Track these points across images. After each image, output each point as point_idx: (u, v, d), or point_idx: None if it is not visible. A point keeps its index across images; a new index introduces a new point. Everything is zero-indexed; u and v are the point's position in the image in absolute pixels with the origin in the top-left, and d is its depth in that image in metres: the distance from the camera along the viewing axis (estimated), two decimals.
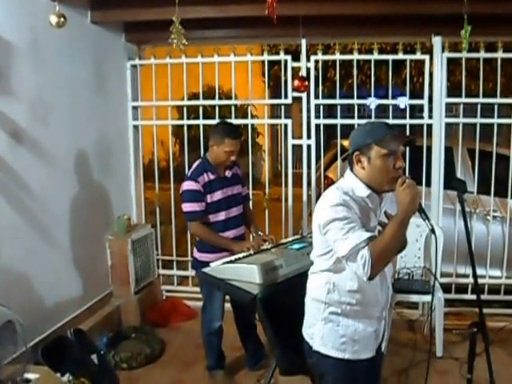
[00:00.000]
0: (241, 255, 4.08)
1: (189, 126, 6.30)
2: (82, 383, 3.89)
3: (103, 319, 5.32)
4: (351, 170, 2.74)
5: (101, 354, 4.35)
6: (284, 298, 3.66)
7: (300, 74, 5.60)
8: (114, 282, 5.69)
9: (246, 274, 3.66)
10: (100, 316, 5.35)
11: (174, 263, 6.40)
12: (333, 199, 2.60)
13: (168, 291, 6.43)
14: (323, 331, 2.76)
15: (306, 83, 5.34)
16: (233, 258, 4.05)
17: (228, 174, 4.51)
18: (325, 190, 5.86)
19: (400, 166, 2.62)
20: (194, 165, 4.54)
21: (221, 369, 4.67)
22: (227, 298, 4.61)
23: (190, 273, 6.22)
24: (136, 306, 5.65)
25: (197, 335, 4.94)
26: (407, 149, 5.59)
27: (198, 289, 5.81)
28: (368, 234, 2.52)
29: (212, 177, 4.40)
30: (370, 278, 2.50)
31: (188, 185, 4.37)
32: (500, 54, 5.55)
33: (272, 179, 6.59)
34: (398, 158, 2.63)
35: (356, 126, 5.68)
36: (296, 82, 5.32)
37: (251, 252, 4.14)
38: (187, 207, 4.38)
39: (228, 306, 4.70)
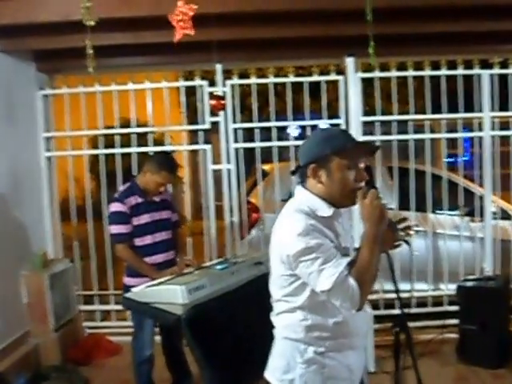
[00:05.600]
0: (164, 279, 4.05)
1: (105, 161, 6.27)
2: None
3: (20, 359, 5.18)
4: (303, 184, 2.51)
5: None
6: (211, 318, 3.69)
7: (215, 93, 5.67)
8: (31, 320, 5.53)
9: (168, 295, 3.67)
10: (17, 356, 5.19)
11: (96, 298, 6.33)
12: (298, 225, 2.32)
13: (91, 328, 6.32)
14: (306, 376, 2.44)
15: (223, 102, 5.43)
16: (155, 282, 4.02)
17: (157, 198, 4.58)
18: (248, 215, 6.05)
19: (363, 178, 2.41)
20: (122, 187, 4.65)
21: None
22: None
23: (113, 307, 6.20)
24: (56, 344, 5.51)
25: (122, 370, 4.92)
26: None
27: (121, 323, 5.87)
28: (346, 260, 2.32)
29: (140, 200, 4.47)
30: (360, 308, 2.29)
31: (114, 206, 4.44)
32: (411, 73, 5.91)
33: (195, 213, 6.59)
34: (359, 170, 2.42)
35: (274, 150, 5.95)
36: (212, 102, 5.39)
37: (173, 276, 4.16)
38: (113, 229, 4.44)
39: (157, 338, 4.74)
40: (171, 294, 3.64)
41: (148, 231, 4.48)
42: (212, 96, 5.55)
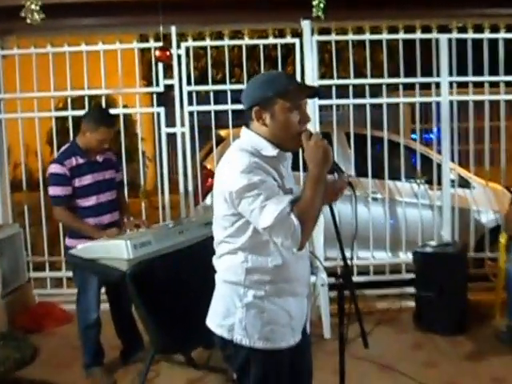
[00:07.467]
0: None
1: (59, 132, 6.35)
2: None
3: None
4: (248, 127, 2.58)
5: None
6: (157, 276, 3.85)
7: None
8: None
9: (113, 250, 3.79)
10: None
11: (47, 264, 6.38)
12: (241, 163, 2.39)
13: (41, 295, 6.39)
14: (246, 320, 2.50)
15: (168, 53, 5.57)
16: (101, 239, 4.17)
17: (100, 158, 4.63)
18: (202, 181, 6.12)
19: (306, 119, 2.52)
20: (63, 148, 4.66)
21: (98, 366, 4.68)
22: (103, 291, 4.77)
23: (64, 274, 6.25)
24: (3, 310, 5.56)
25: (73, 338, 4.95)
26: None
27: (73, 291, 5.70)
28: (288, 197, 2.38)
29: (81, 161, 4.52)
30: (301, 248, 2.36)
31: (53, 168, 4.46)
32: (368, 36, 6.06)
33: (155, 187, 6.68)
34: (303, 112, 2.51)
35: (230, 113, 6.06)
36: (158, 53, 5.52)
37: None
38: (51, 191, 4.49)
39: (107, 306, 4.88)
40: (116, 249, 3.76)
41: (91, 192, 4.55)
42: (157, 48, 5.68)
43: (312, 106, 5.79)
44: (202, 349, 4.56)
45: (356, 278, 6.08)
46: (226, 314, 2.56)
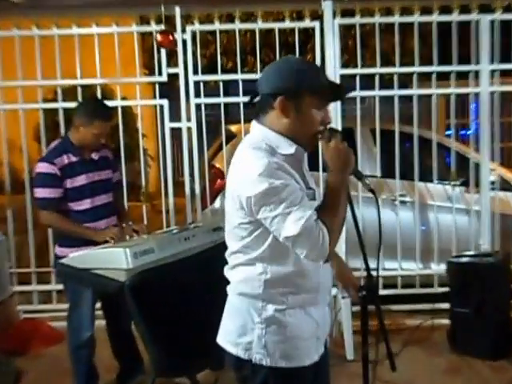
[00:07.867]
0: (108, 244, 4.04)
1: (48, 126, 6.13)
2: None
3: None
4: (259, 120, 2.44)
5: None
6: (160, 287, 3.64)
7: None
8: None
9: (111, 259, 3.58)
10: None
11: (34, 276, 6.14)
12: (259, 164, 2.25)
13: (27, 311, 6.19)
14: (265, 338, 2.38)
15: (171, 37, 5.33)
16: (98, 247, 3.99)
17: (95, 156, 4.42)
18: (211, 181, 5.90)
19: (328, 121, 2.43)
20: (53, 144, 4.47)
21: None
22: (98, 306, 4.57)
23: (54, 287, 6.07)
24: None
25: (64, 360, 4.69)
26: None
27: (64, 306, 5.56)
28: (314, 203, 2.32)
29: (74, 159, 4.30)
30: (327, 260, 2.31)
31: (41, 167, 4.24)
32: (397, 19, 5.75)
33: (158, 190, 6.68)
34: (326, 111, 2.43)
35: (241, 106, 5.83)
36: (160, 37, 5.29)
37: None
38: (38, 193, 4.27)
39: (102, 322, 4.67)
40: (114, 258, 3.55)
41: (85, 194, 4.32)
42: (159, 31, 5.45)
43: None
44: (209, 371, 4.33)
45: (382, 292, 5.71)
46: (243, 331, 2.44)
